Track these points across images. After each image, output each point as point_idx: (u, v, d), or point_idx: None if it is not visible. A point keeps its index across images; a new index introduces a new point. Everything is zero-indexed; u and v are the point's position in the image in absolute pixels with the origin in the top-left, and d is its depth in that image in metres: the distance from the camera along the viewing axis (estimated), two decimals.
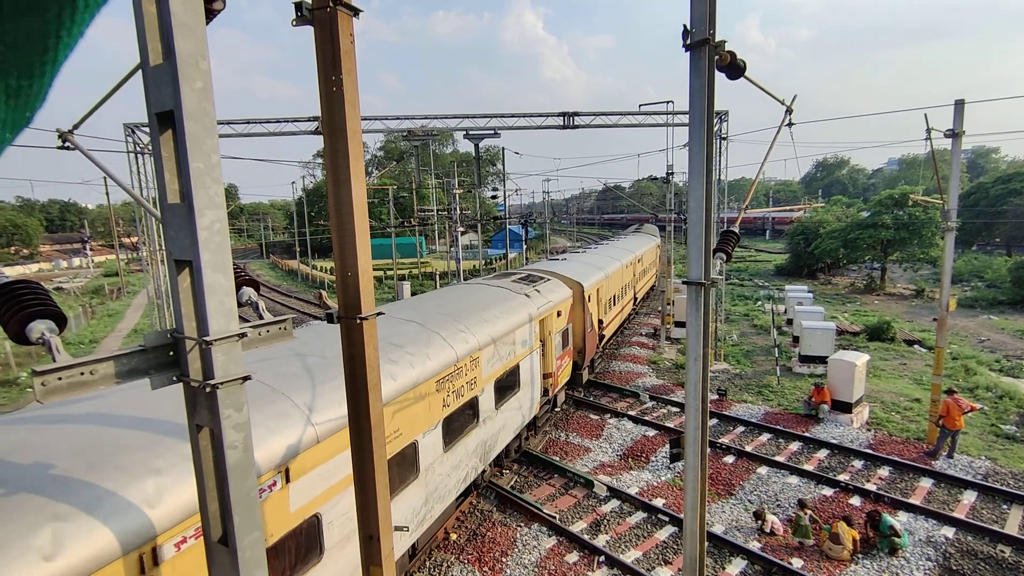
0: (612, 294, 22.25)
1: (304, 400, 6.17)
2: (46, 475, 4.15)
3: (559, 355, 15.34)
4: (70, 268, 77.37)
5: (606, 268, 21.66)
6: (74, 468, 4.29)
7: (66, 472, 4.23)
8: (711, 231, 5.58)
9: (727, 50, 5.37)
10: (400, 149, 77.15)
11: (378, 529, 4.54)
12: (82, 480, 4.19)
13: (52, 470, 4.21)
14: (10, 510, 3.77)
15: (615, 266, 23.29)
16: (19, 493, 3.92)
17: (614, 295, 22.71)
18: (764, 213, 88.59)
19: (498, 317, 11.71)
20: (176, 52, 2.49)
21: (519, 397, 12.60)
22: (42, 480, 4.09)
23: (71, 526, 3.85)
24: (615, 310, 23.32)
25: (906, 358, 22.63)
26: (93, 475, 4.27)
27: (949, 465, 13.29)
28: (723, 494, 12.50)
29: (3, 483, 3.98)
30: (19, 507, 3.80)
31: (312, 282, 53.30)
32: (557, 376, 15.36)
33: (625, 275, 25.50)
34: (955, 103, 13.01)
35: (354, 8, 3.98)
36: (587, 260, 22.05)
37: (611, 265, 22.83)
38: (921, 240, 37.52)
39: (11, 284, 2.97)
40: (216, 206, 2.72)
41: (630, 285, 27.46)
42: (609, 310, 21.72)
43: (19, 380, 23.58)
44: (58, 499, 3.96)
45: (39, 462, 4.29)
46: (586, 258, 22.77)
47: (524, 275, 16.12)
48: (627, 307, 27.35)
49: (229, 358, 2.87)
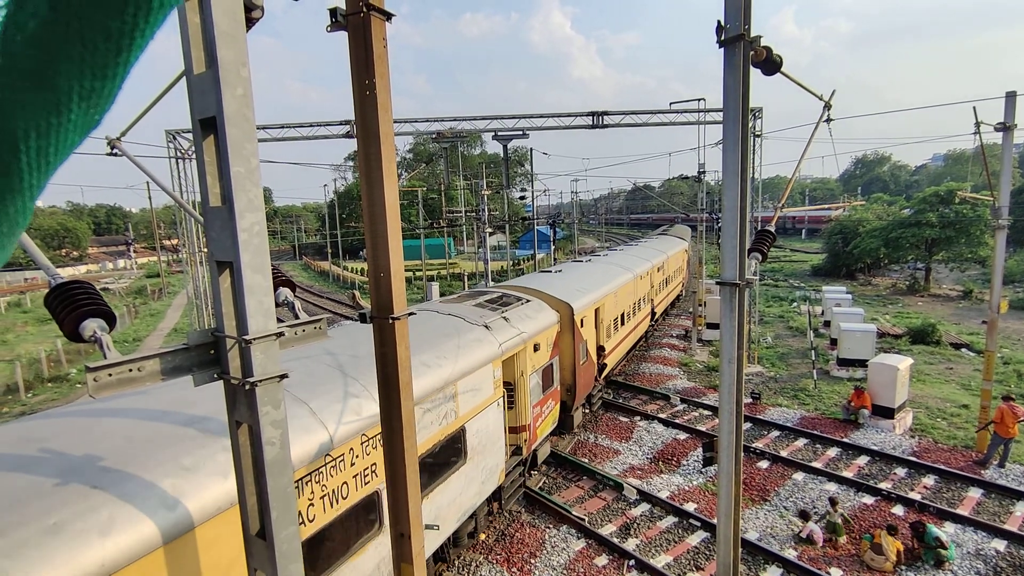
0: (619, 312, 18.86)
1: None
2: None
3: (538, 400, 12.20)
4: (115, 269, 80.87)
5: (611, 282, 18.28)
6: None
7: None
8: (746, 230, 5.45)
9: (762, 46, 5.24)
10: (429, 151, 77.98)
11: (409, 527, 4.59)
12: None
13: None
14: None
15: (623, 279, 19.64)
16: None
17: (622, 313, 19.33)
18: (802, 212, 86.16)
19: (430, 365, 8.27)
20: (218, 60, 2.57)
21: (465, 472, 9.12)
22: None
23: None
24: (623, 332, 19.60)
25: (953, 362, 21.65)
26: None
27: (1000, 475, 12.65)
28: (757, 500, 12.20)
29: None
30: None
31: (343, 283, 54.33)
32: (535, 428, 12.18)
33: (639, 288, 21.83)
34: (1006, 95, 12.41)
35: (387, 13, 4.04)
36: (588, 272, 18.83)
37: (618, 278, 19.20)
38: (969, 239, 35.85)
39: (66, 284, 3.12)
40: (255, 209, 2.80)
41: (646, 298, 23.29)
42: (614, 333, 18.30)
43: (69, 376, 24.75)
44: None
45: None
46: (589, 269, 19.59)
47: (496, 296, 13.05)
48: (642, 324, 23.22)
49: (267, 356, 2.95)
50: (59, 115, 0.47)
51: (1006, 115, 12.39)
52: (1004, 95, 12.43)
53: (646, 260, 24.60)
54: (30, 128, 0.47)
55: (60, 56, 0.45)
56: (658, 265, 26.15)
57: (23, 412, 20.35)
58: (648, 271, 23.81)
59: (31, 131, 0.47)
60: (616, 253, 25.91)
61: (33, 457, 4.36)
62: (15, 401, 21.60)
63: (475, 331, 10.05)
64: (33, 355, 27.16)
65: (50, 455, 4.38)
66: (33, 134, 0.47)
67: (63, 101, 0.46)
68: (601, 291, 16.92)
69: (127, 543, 3.92)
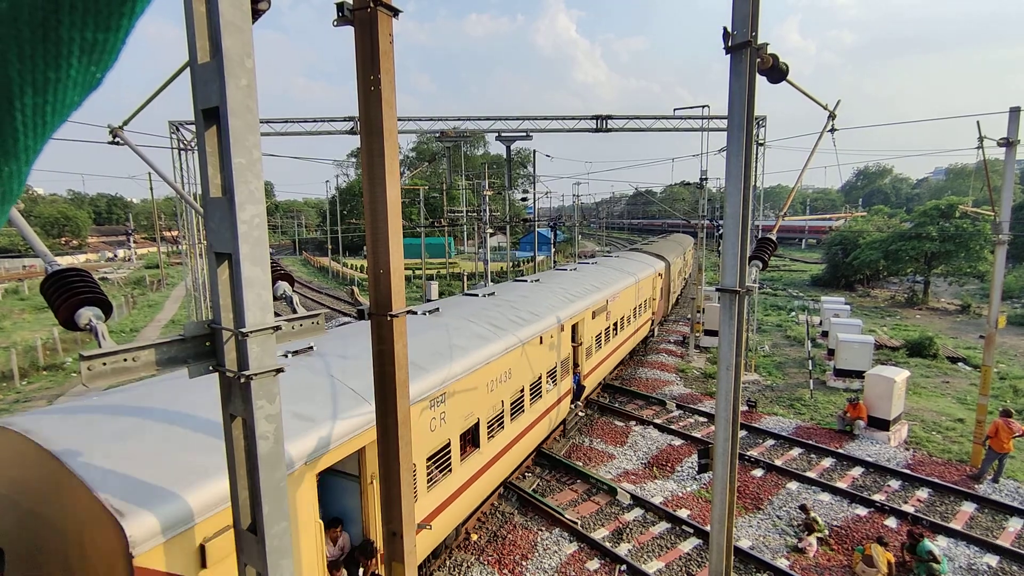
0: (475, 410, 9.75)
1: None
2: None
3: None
4: (115, 259, 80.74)
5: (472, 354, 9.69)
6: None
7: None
8: (747, 238, 5.44)
9: (769, 53, 5.24)
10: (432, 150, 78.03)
11: (401, 526, 4.57)
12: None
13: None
14: None
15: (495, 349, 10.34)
16: None
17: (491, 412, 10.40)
18: (802, 221, 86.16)
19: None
20: (223, 50, 2.55)
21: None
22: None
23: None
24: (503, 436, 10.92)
25: (949, 376, 21.67)
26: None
27: (994, 490, 12.65)
28: (751, 508, 12.18)
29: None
30: None
31: (343, 279, 54.29)
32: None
33: (542, 358, 12.43)
34: (1010, 111, 12.43)
35: (394, 9, 4.03)
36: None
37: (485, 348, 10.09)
38: (968, 253, 35.91)
39: (62, 272, 3.10)
40: (256, 201, 2.78)
41: (563, 365, 13.83)
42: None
43: (65, 365, 24.69)
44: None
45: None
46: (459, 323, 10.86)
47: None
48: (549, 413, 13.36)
49: (264, 350, 2.93)
50: (58, 69, 0.44)
51: (1009, 130, 12.41)
52: (1008, 110, 12.45)
53: (588, 292, 16.17)
54: (26, 83, 0.43)
55: (62, 3, 0.41)
56: (609, 297, 17.32)
57: (17, 400, 20.28)
58: (585, 313, 15.24)
59: (27, 86, 0.44)
60: (558, 278, 17.15)
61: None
62: (9, 388, 21.53)
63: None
64: (29, 343, 27.08)
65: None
66: (29, 90, 0.44)
67: (63, 54, 0.43)
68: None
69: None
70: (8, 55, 0.42)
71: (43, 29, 0.42)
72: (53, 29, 0.42)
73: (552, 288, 15.43)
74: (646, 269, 23.39)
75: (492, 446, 10.33)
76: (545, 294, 14.59)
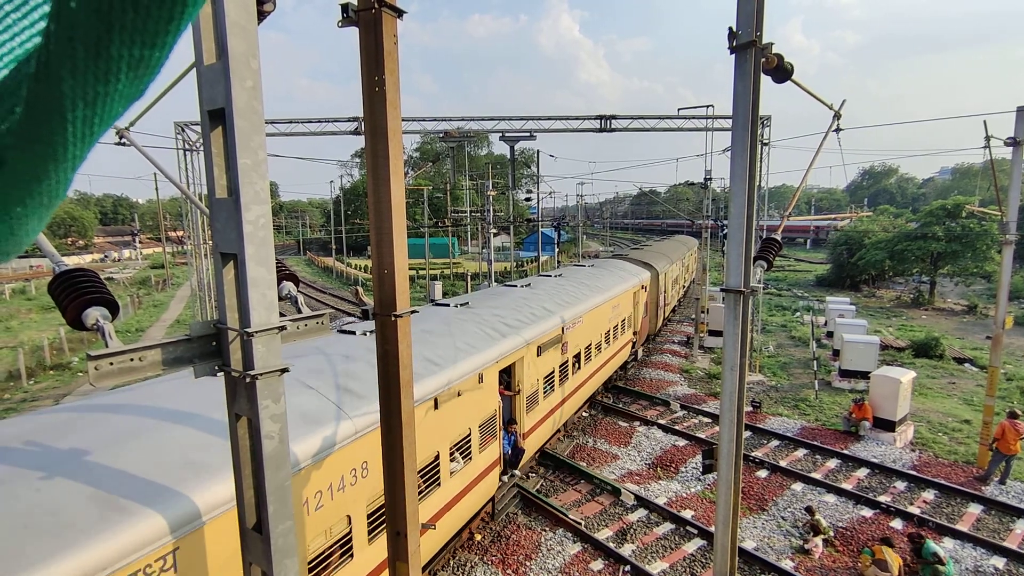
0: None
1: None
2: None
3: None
4: (120, 260, 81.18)
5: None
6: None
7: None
8: (752, 238, 5.43)
9: (774, 53, 5.22)
10: (436, 150, 78.12)
11: (406, 526, 4.58)
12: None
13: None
14: None
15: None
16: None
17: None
18: (807, 221, 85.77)
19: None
20: (229, 51, 2.57)
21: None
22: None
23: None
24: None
25: (956, 377, 21.53)
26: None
27: (1001, 491, 12.56)
28: (755, 509, 12.14)
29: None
30: None
31: (347, 279, 54.41)
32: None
33: (441, 428, 8.51)
34: (1017, 109, 12.34)
35: (398, 9, 4.04)
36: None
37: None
38: (975, 253, 35.68)
39: (70, 272, 3.12)
40: (261, 201, 2.80)
41: (485, 427, 10.14)
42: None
43: (72, 364, 24.84)
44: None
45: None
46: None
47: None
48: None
49: (269, 350, 2.94)
50: (107, 84, 0.46)
51: (1016, 129, 12.32)
52: (1015, 109, 12.37)
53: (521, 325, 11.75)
54: (78, 97, 0.46)
55: (113, 23, 0.43)
56: (543, 339, 12.21)
57: (24, 399, 20.42)
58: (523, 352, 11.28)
59: (79, 100, 0.46)
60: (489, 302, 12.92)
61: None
62: (16, 388, 21.68)
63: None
64: (36, 342, 27.26)
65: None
66: (80, 103, 0.46)
67: (112, 70, 0.45)
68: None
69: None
70: (62, 72, 0.44)
71: (96, 48, 0.44)
72: (104, 48, 0.44)
73: (482, 316, 11.27)
74: (625, 282, 19.27)
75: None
76: (468, 327, 10.40)
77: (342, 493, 6.10)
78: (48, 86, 0.45)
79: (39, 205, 0.52)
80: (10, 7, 0.45)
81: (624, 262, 22.80)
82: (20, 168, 0.49)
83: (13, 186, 0.50)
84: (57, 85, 0.45)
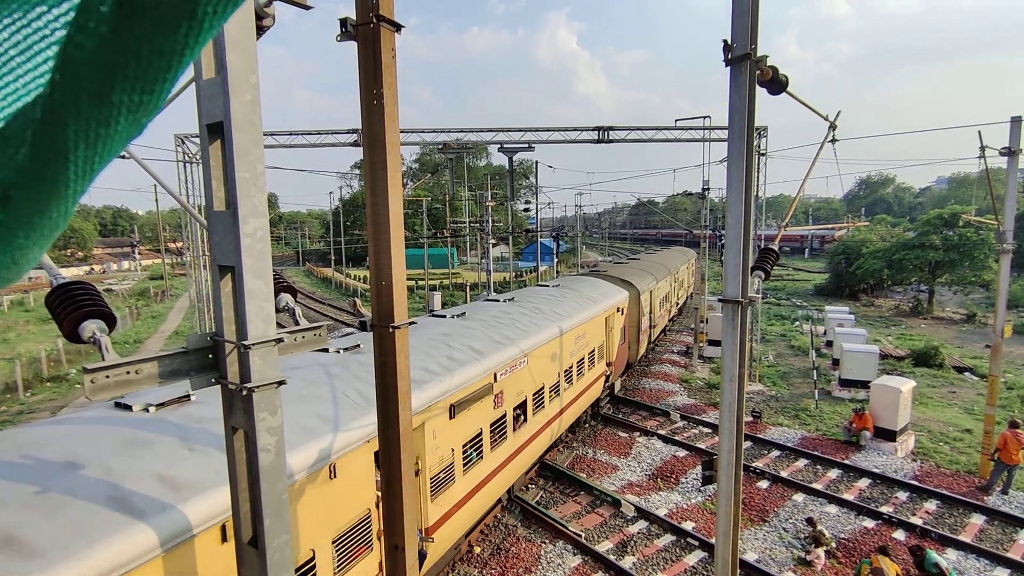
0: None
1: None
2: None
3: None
4: (120, 271, 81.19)
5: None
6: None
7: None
8: (749, 248, 5.44)
9: (769, 65, 5.28)
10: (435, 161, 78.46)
11: (403, 539, 4.54)
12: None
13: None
14: None
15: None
16: None
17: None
18: (805, 231, 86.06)
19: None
20: (227, 66, 2.59)
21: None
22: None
23: None
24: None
25: (956, 386, 21.49)
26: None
27: (1004, 502, 12.49)
28: (756, 520, 12.05)
29: None
30: None
31: (346, 290, 54.41)
32: None
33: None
34: (1011, 120, 12.45)
35: (396, 24, 4.08)
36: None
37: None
38: (973, 262, 35.77)
39: (67, 285, 3.12)
40: (259, 214, 2.81)
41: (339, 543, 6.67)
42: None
43: (69, 376, 24.73)
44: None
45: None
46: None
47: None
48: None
49: (266, 362, 2.94)
50: (108, 127, 0.49)
51: (1011, 140, 12.42)
52: (1009, 120, 12.47)
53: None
54: (80, 139, 0.49)
55: (116, 74, 0.47)
56: (460, 395, 8.99)
57: (20, 411, 20.30)
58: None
59: (81, 142, 0.49)
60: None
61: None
62: (13, 400, 21.57)
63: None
64: (33, 354, 27.17)
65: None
66: (82, 144, 0.49)
67: (114, 114, 0.49)
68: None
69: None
70: (66, 118, 0.48)
71: (99, 97, 0.47)
72: (107, 96, 0.47)
73: (362, 372, 7.63)
74: (595, 304, 16.21)
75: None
76: (327, 391, 7.04)
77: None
78: (53, 130, 0.48)
79: (41, 236, 0.55)
80: (15, 51, 0.48)
81: (599, 280, 19.58)
82: (24, 203, 0.52)
83: (17, 220, 0.53)
84: (61, 130, 0.48)
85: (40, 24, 0.48)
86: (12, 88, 0.50)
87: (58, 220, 0.55)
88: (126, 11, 0.45)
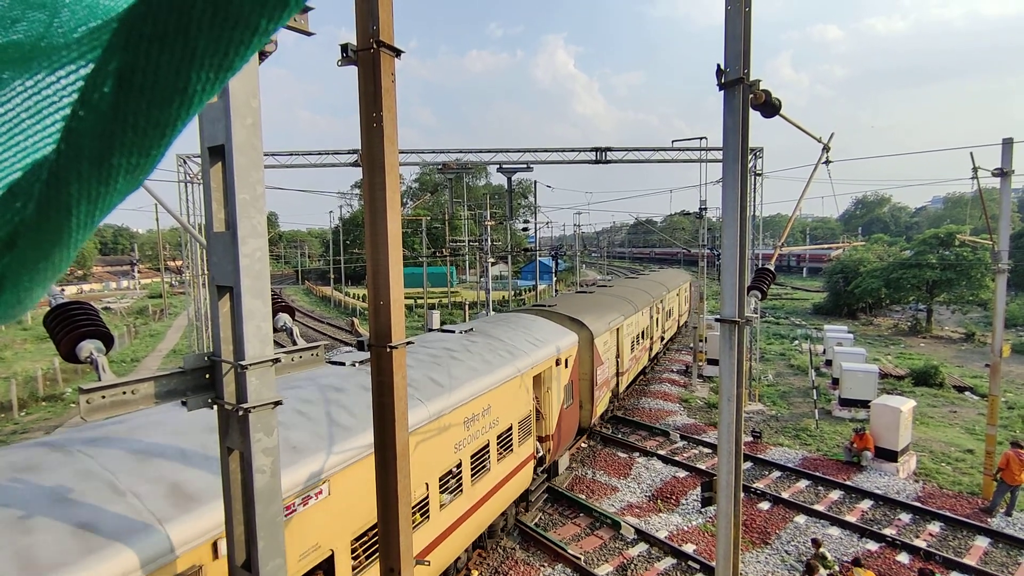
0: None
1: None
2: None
3: None
4: (119, 289, 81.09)
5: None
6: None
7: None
8: (745, 268, 5.48)
9: (762, 89, 5.38)
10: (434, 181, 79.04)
11: (399, 563, 4.48)
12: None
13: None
14: None
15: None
16: None
17: None
18: (802, 251, 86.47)
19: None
20: (230, 91, 2.65)
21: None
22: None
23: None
24: None
25: (956, 405, 21.38)
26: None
27: (1008, 523, 12.34)
28: (758, 543, 11.88)
29: None
30: None
31: (345, 309, 54.32)
32: None
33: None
34: (1003, 141, 12.63)
35: (396, 49, 4.17)
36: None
37: None
38: (970, 281, 35.91)
39: (65, 305, 3.14)
40: (258, 235, 2.84)
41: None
42: None
43: (65, 395, 24.54)
44: None
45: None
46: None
47: None
48: None
49: (262, 383, 2.94)
50: (108, 185, 0.55)
51: (1003, 161, 12.58)
52: (1001, 142, 12.65)
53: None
54: (82, 197, 0.55)
55: (115, 143, 0.53)
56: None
57: (15, 431, 20.09)
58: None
59: (82, 200, 0.55)
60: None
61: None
62: (7, 419, 21.36)
63: None
64: (29, 373, 26.99)
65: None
66: (84, 202, 0.55)
67: (113, 175, 0.55)
68: None
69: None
70: (70, 179, 0.54)
71: (99, 161, 0.54)
72: (107, 160, 0.54)
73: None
74: (515, 360, 11.25)
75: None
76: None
77: None
78: (58, 189, 0.55)
79: (44, 278, 0.61)
80: (26, 115, 0.55)
81: (539, 319, 14.72)
82: (30, 251, 0.58)
83: (22, 264, 0.59)
84: (65, 189, 0.54)
85: (49, 92, 0.54)
86: (23, 147, 0.55)
87: (60, 264, 0.60)
88: (125, 89, 0.50)
